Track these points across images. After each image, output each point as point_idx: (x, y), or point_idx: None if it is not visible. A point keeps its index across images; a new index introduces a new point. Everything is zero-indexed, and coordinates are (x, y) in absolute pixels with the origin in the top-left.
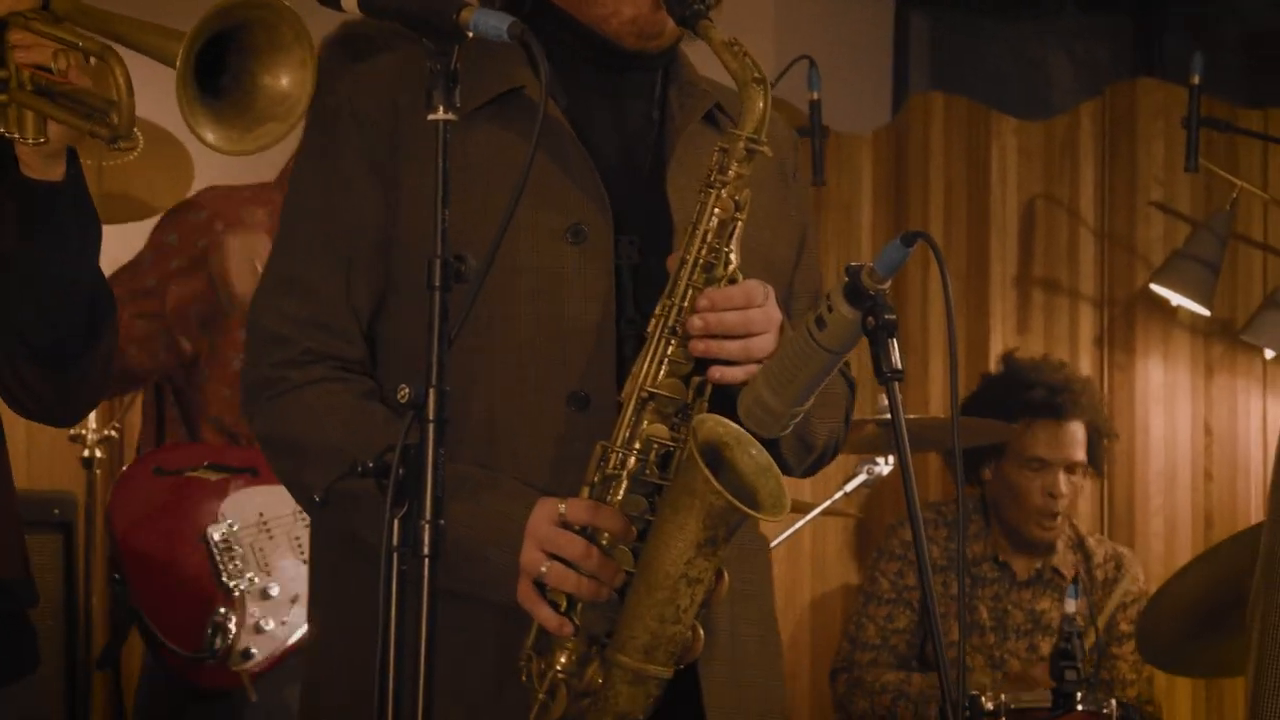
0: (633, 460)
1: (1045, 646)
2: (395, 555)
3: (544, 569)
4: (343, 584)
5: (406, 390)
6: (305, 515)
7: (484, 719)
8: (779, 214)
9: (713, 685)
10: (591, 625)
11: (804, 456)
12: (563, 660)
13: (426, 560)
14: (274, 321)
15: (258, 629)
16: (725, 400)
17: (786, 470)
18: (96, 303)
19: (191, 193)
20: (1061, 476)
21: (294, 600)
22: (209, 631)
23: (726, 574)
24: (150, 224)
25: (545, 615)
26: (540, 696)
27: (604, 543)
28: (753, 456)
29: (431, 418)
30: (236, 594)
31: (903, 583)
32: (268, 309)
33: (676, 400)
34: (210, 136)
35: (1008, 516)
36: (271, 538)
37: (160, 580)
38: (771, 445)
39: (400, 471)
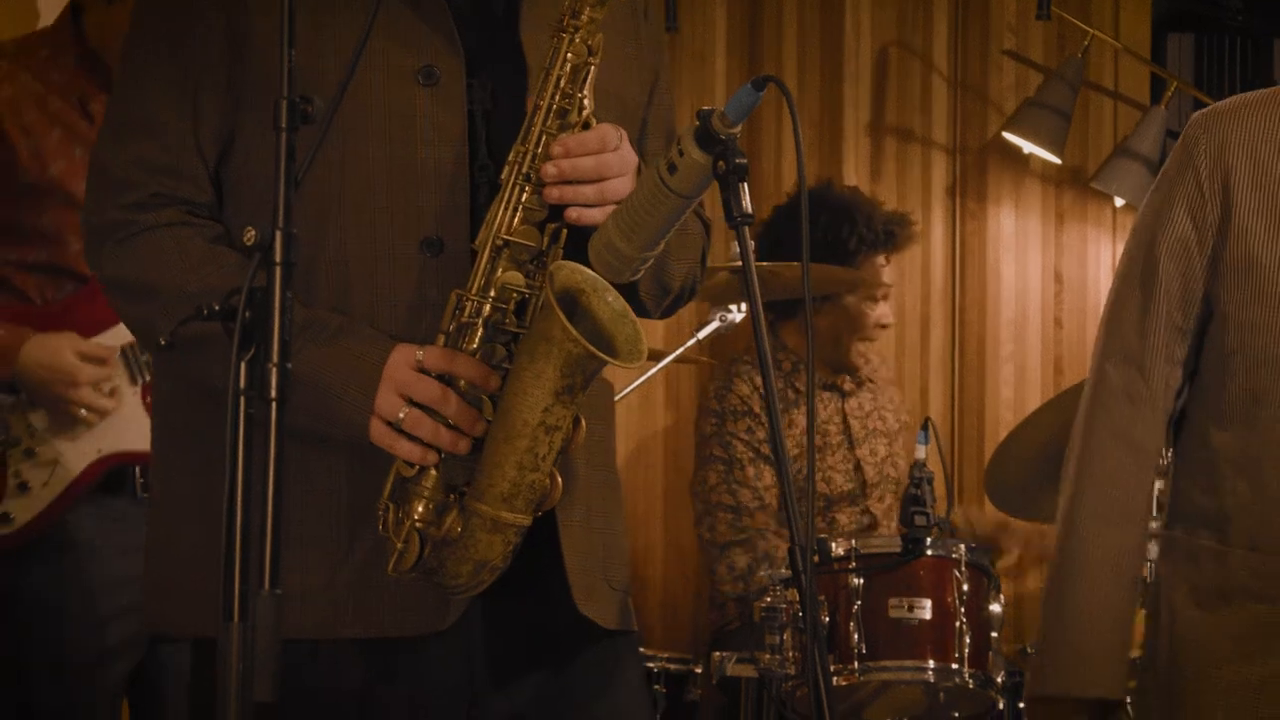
0: (489, 308)
1: (883, 450)
2: (242, 399)
3: (402, 415)
4: (188, 429)
5: (253, 232)
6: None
7: (339, 568)
8: (630, 54)
9: (569, 529)
10: (451, 475)
11: (661, 298)
12: (420, 510)
13: (274, 404)
14: (121, 165)
15: (21, 489)
16: (581, 249)
17: (644, 313)
18: None
19: (42, 23)
20: (887, 303)
21: (53, 464)
22: None
23: (584, 420)
24: None
25: (406, 449)
26: (398, 545)
27: (463, 390)
28: (609, 303)
29: (278, 260)
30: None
31: (754, 438)
32: (115, 152)
33: (532, 247)
34: None
35: (840, 345)
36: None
37: None
38: (629, 288)
39: (247, 314)
